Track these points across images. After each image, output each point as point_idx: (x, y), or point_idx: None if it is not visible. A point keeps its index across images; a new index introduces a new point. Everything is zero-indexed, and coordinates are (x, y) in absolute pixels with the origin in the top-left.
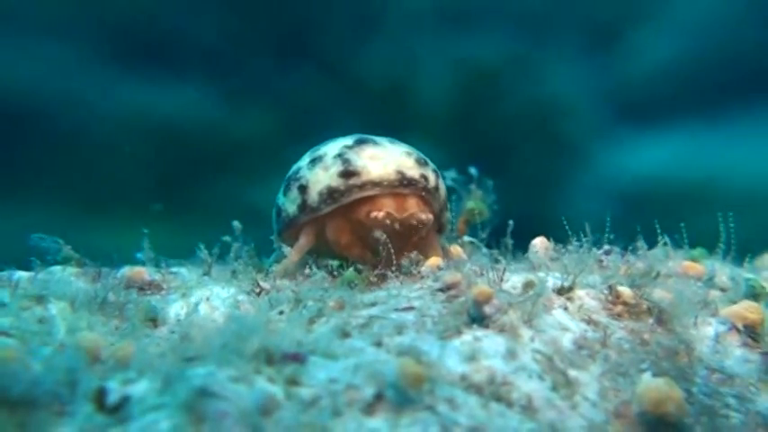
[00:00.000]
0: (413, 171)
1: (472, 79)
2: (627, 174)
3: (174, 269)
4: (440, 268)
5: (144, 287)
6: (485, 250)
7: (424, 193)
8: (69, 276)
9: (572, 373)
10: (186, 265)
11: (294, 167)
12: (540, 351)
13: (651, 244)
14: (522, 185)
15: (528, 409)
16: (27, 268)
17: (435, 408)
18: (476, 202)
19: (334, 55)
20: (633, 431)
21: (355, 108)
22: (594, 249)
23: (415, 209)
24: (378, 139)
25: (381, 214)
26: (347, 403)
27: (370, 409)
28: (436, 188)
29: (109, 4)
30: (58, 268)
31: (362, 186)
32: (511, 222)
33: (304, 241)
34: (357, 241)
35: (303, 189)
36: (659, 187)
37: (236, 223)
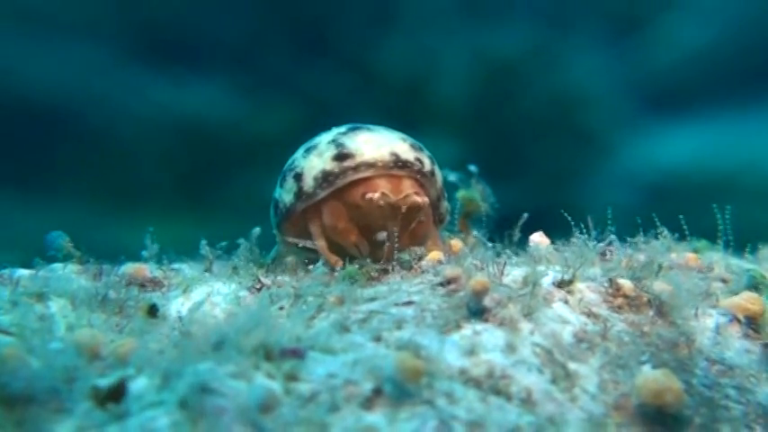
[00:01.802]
0: (407, 154)
1: (492, 72)
2: (653, 165)
3: (175, 266)
4: (440, 262)
5: (145, 284)
6: (489, 244)
7: (419, 176)
8: (70, 274)
9: (571, 365)
10: (188, 261)
11: (290, 160)
12: (539, 344)
13: (678, 237)
14: (543, 179)
15: (527, 402)
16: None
17: (434, 402)
18: (467, 191)
19: (353, 50)
20: (632, 423)
21: (374, 103)
22: (596, 243)
23: (410, 190)
24: (372, 126)
25: (377, 195)
26: (346, 398)
27: (368, 403)
28: (432, 173)
29: (135, 5)
30: (59, 266)
31: (357, 168)
32: (525, 215)
33: (316, 229)
34: (354, 228)
35: (299, 177)
36: (687, 178)
37: (257, 230)
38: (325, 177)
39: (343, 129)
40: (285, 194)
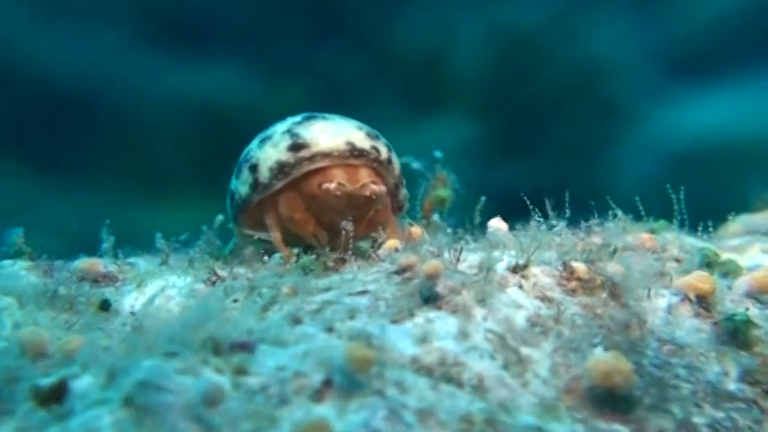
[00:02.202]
0: (363, 143)
1: (510, 45)
2: (680, 134)
3: (131, 260)
4: (397, 250)
5: (99, 279)
6: (448, 230)
7: (376, 165)
8: (20, 270)
9: (524, 350)
10: (144, 255)
11: (245, 151)
12: (492, 330)
13: (706, 206)
14: (565, 153)
15: (479, 388)
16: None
17: (384, 391)
18: (445, 191)
19: (368, 29)
20: (583, 406)
21: (391, 81)
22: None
23: (367, 179)
24: (327, 114)
25: (333, 185)
26: (295, 391)
27: (318, 395)
28: (389, 161)
29: None
30: (8, 262)
31: (312, 158)
32: (483, 198)
33: (271, 220)
34: (311, 218)
35: (254, 168)
36: (715, 146)
37: (219, 218)
38: (281, 168)
39: (298, 118)
40: (241, 186)
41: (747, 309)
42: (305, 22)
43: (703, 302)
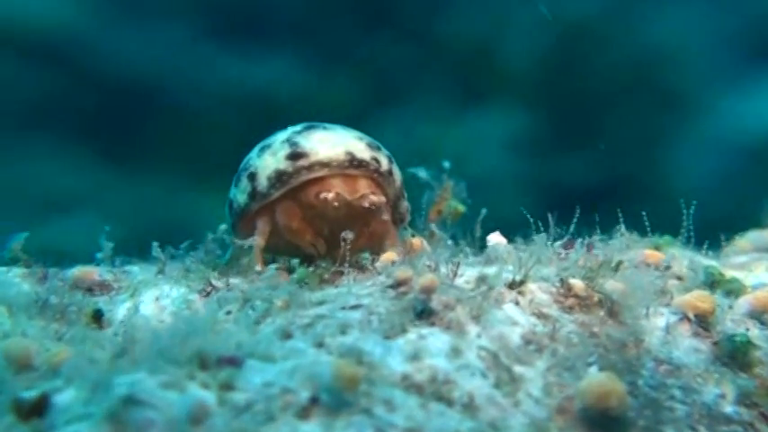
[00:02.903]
0: (363, 153)
1: (564, 33)
2: (756, 125)
3: (127, 267)
4: (394, 263)
5: (93, 288)
6: (449, 242)
7: (375, 176)
8: (13, 278)
9: (517, 369)
10: (139, 263)
11: (245, 159)
12: (485, 348)
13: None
14: (622, 146)
15: (469, 407)
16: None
17: (371, 410)
18: (459, 203)
19: (417, 18)
20: (575, 427)
21: (440, 71)
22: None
23: (366, 190)
24: (328, 125)
25: (331, 195)
26: (282, 408)
27: (304, 413)
28: (389, 172)
29: None
30: (2, 269)
31: (310, 167)
32: (484, 211)
33: (262, 226)
34: (308, 227)
35: (252, 176)
36: None
37: (223, 227)
38: (279, 177)
39: (298, 128)
40: (239, 195)
41: (748, 329)
42: (355, 12)
43: (703, 322)
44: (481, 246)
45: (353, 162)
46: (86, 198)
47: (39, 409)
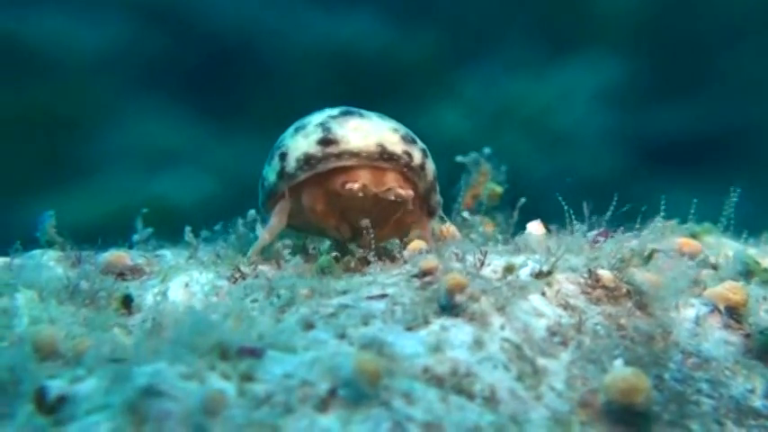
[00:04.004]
0: (396, 146)
1: None
2: None
3: (159, 252)
4: (421, 252)
5: (125, 272)
6: (481, 229)
7: (405, 170)
8: (48, 261)
9: (541, 361)
10: (171, 248)
11: (280, 137)
12: (508, 340)
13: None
14: (737, 92)
15: (490, 401)
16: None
17: (390, 403)
18: (498, 185)
19: None
20: (598, 421)
21: (525, 21)
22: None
23: (393, 184)
24: (366, 112)
25: (356, 186)
26: (301, 400)
27: (323, 405)
28: (421, 166)
29: None
30: (38, 252)
31: (339, 155)
32: (522, 200)
33: (276, 221)
34: (333, 212)
35: (283, 156)
36: None
37: (251, 213)
38: (307, 160)
39: (335, 111)
40: (270, 173)
41: None
42: None
43: (734, 314)
44: (514, 233)
45: (383, 155)
46: (188, 153)
47: (57, 402)
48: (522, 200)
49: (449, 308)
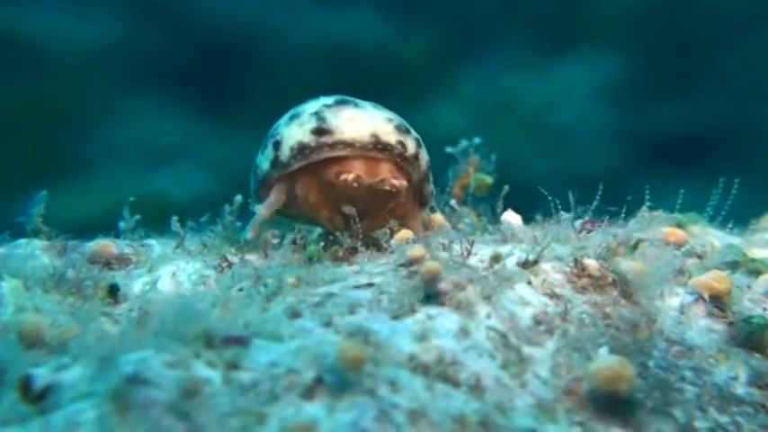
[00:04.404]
0: (390, 137)
1: None
2: None
3: (146, 241)
4: (408, 241)
5: (111, 261)
6: (468, 220)
7: (399, 160)
8: (34, 251)
9: (526, 349)
10: (158, 238)
11: (274, 126)
12: (494, 328)
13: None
14: (734, 91)
15: (475, 388)
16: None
17: (376, 391)
18: (487, 175)
19: None
20: (582, 408)
21: (523, 17)
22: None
23: (387, 174)
24: (360, 101)
25: (351, 177)
26: (286, 388)
27: (309, 393)
28: (415, 157)
29: None
30: (23, 241)
31: (333, 145)
32: (506, 187)
33: (275, 198)
34: (326, 202)
35: (277, 145)
36: None
37: (238, 198)
38: (301, 149)
39: (329, 100)
40: (264, 161)
41: (766, 309)
42: None
43: (718, 302)
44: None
45: (377, 145)
46: (186, 149)
47: (43, 391)
48: (506, 188)
49: (433, 296)
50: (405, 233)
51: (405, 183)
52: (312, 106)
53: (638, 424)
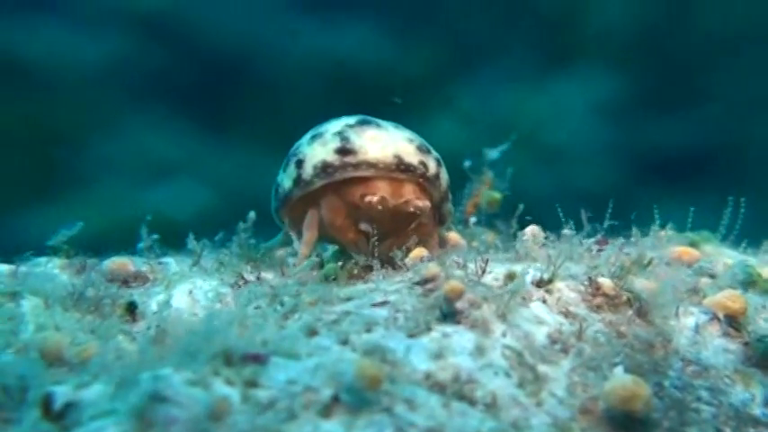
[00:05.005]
0: (412, 157)
1: None
2: None
3: (163, 259)
4: (423, 259)
5: (129, 279)
6: (483, 237)
7: (422, 180)
8: (53, 269)
9: (542, 368)
10: (175, 255)
11: (295, 145)
12: (510, 347)
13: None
14: (730, 109)
15: (491, 407)
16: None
17: (392, 409)
18: (497, 192)
19: None
20: (598, 427)
21: (522, 35)
22: (586, 239)
23: (411, 195)
24: (382, 122)
25: (375, 198)
26: (304, 406)
27: (326, 411)
28: (436, 176)
29: None
30: (43, 259)
31: (357, 165)
32: (521, 206)
33: (310, 234)
34: (352, 225)
35: (300, 164)
36: None
37: (252, 215)
38: (324, 168)
39: (352, 120)
40: (286, 179)
41: None
42: None
43: (734, 322)
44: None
45: (400, 166)
46: (185, 166)
47: (63, 413)
48: (521, 206)
49: (450, 315)
50: (419, 251)
51: (428, 203)
52: (335, 126)
53: None
